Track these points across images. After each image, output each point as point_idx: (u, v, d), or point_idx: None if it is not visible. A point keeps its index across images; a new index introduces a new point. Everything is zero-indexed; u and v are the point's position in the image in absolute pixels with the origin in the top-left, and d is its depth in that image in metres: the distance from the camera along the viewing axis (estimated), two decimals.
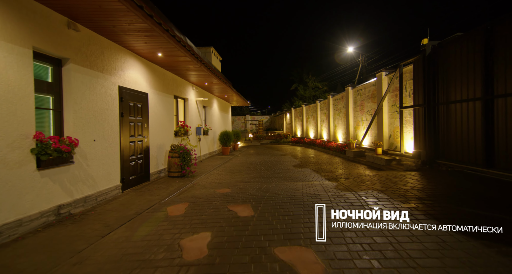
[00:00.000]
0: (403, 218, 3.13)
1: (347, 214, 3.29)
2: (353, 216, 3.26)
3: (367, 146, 10.29)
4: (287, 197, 4.56)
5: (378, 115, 9.04)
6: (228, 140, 13.51)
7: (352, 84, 11.99)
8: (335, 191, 4.92)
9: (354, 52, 27.14)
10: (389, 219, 3.18)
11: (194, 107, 10.45)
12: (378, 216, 3.21)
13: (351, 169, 8.03)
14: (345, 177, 6.76)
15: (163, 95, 7.60)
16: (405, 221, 3.09)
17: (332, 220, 3.27)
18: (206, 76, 8.85)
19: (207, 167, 8.98)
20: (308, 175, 7.13)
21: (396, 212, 3.21)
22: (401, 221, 3.09)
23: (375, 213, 3.23)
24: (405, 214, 3.18)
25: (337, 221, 3.21)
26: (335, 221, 3.23)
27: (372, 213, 3.24)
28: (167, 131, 7.82)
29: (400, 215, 3.17)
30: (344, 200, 4.15)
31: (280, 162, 10.04)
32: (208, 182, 6.48)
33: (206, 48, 13.52)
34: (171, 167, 7.16)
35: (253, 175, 7.41)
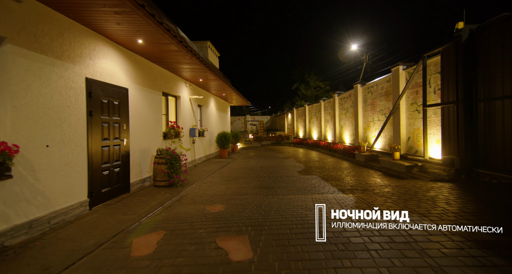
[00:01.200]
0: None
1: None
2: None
3: (380, 149, 9.25)
4: (297, 222, 3.49)
5: (394, 115, 8.00)
6: (226, 142, 12.47)
7: (361, 81, 10.95)
8: (358, 213, 3.88)
9: (358, 50, 26.14)
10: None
11: (187, 106, 9.42)
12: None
13: (365, 177, 6.99)
14: (362, 188, 5.72)
15: (149, 91, 6.57)
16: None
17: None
18: (200, 70, 7.83)
19: (201, 173, 7.95)
20: (317, 185, 6.09)
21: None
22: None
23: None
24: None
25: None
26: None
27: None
28: (154, 133, 6.79)
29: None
30: (379, 232, 3.05)
31: (283, 167, 9.01)
32: (199, 194, 5.44)
33: (202, 42, 12.50)
34: (157, 175, 6.13)
35: (253, 184, 6.37)
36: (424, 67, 6.49)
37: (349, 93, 12.45)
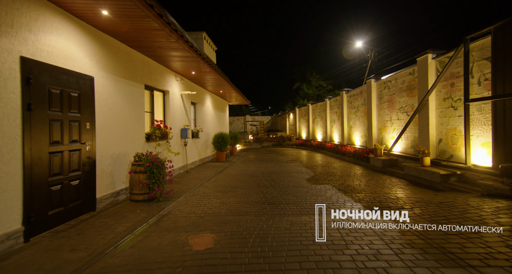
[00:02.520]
0: None
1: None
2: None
3: (400, 152, 8.02)
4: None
5: (421, 113, 6.77)
6: (223, 143, 11.23)
7: (375, 75, 9.73)
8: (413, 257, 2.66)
9: (362, 47, 24.98)
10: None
11: (178, 103, 8.18)
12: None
13: (390, 188, 5.75)
14: (396, 205, 4.48)
15: (126, 83, 5.34)
16: None
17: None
18: (191, 60, 6.60)
19: (192, 181, 6.71)
20: (334, 200, 4.85)
21: None
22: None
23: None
24: None
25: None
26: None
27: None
28: (133, 134, 5.55)
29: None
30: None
31: (288, 173, 7.77)
32: (185, 214, 4.20)
33: (198, 33, 11.28)
34: (134, 186, 4.89)
35: (254, 197, 5.13)
36: (466, 53, 5.26)
37: (360, 89, 11.23)
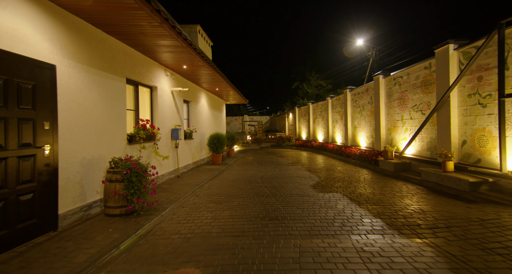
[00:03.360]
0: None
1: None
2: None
3: (413, 155, 7.26)
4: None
5: (440, 111, 6.01)
6: (219, 145, 10.43)
7: (384, 71, 8.98)
8: None
9: (364, 45, 24.31)
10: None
11: (168, 101, 7.37)
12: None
13: (410, 198, 4.98)
14: (425, 222, 3.70)
15: (102, 75, 4.53)
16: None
17: None
18: (181, 51, 5.79)
19: (183, 188, 5.90)
20: (349, 214, 4.07)
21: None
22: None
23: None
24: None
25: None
26: None
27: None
28: (111, 135, 4.74)
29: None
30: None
31: (290, 178, 6.99)
32: (167, 235, 3.40)
33: (191, 26, 10.47)
34: (109, 198, 4.08)
35: (253, 210, 4.34)
36: (501, 40, 4.50)
37: (366, 87, 10.48)
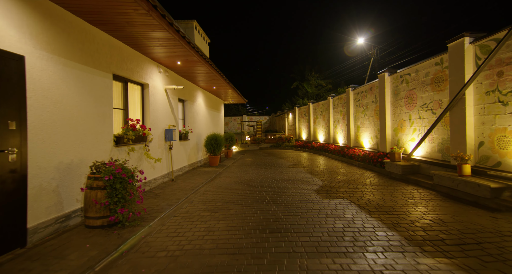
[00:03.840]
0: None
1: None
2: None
3: (422, 157, 6.83)
4: None
5: (454, 110, 5.58)
6: (217, 146, 9.96)
7: (389, 68, 8.54)
8: None
9: (364, 44, 23.91)
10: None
11: (161, 99, 6.91)
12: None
13: (424, 205, 4.54)
14: (449, 235, 3.25)
15: (84, 69, 4.06)
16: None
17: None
18: (174, 44, 5.34)
19: (176, 193, 5.43)
20: (359, 226, 3.62)
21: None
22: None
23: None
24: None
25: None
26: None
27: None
28: (95, 137, 4.28)
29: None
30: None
31: (291, 182, 6.53)
32: (152, 252, 2.94)
33: (187, 22, 10.01)
34: (90, 207, 3.61)
35: (251, 220, 3.89)
36: None
37: (370, 85, 10.04)
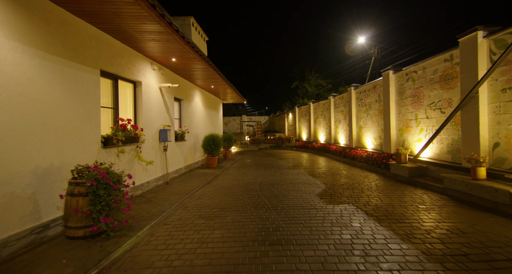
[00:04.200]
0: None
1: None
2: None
3: (430, 159, 6.49)
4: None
5: (466, 109, 5.24)
6: (215, 147, 9.62)
7: (394, 66, 8.20)
8: None
9: (365, 43, 23.57)
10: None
11: (156, 98, 6.56)
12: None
13: (437, 212, 4.19)
14: (471, 248, 2.90)
15: (66, 64, 3.71)
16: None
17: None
18: (167, 39, 4.99)
19: (170, 197, 5.08)
20: (368, 236, 3.27)
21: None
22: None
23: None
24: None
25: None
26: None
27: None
28: (79, 137, 3.93)
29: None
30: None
31: (293, 185, 6.19)
32: (136, 269, 2.59)
33: (184, 18, 9.66)
34: (70, 216, 3.26)
35: (249, 229, 3.54)
36: None
37: (373, 84, 9.70)
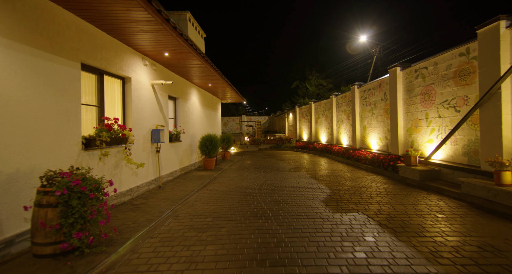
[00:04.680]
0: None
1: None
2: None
3: (442, 161, 6.02)
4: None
5: (486, 106, 4.78)
6: (212, 148, 9.14)
7: (402, 62, 7.73)
8: None
9: (367, 42, 23.11)
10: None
11: (148, 96, 6.09)
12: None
13: (461, 222, 3.72)
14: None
15: (38, 55, 3.24)
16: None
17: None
18: (157, 29, 4.52)
19: (161, 204, 4.60)
20: (386, 255, 2.80)
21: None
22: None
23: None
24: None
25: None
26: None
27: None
28: (55, 138, 3.45)
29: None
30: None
31: (295, 189, 5.71)
32: None
33: (180, 13, 9.20)
34: (37, 231, 2.79)
35: (247, 244, 3.07)
36: None
37: (379, 82, 9.24)
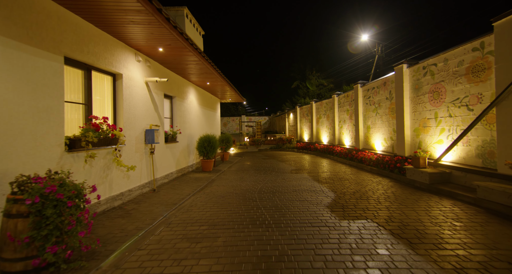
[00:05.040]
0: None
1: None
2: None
3: (453, 163, 5.67)
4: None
5: (503, 104, 4.44)
6: (210, 149, 8.79)
7: (409, 59, 7.38)
8: None
9: (368, 41, 22.77)
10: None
11: (141, 94, 5.75)
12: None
13: (481, 231, 3.37)
14: None
15: (13, 46, 2.90)
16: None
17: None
18: (149, 21, 4.18)
19: (153, 209, 4.25)
20: (404, 271, 2.45)
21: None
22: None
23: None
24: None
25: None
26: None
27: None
28: (31, 139, 3.11)
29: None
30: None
31: (297, 193, 5.36)
32: None
33: (177, 8, 8.85)
34: (4, 244, 2.43)
35: (245, 258, 2.72)
36: None
37: (383, 80, 8.89)
